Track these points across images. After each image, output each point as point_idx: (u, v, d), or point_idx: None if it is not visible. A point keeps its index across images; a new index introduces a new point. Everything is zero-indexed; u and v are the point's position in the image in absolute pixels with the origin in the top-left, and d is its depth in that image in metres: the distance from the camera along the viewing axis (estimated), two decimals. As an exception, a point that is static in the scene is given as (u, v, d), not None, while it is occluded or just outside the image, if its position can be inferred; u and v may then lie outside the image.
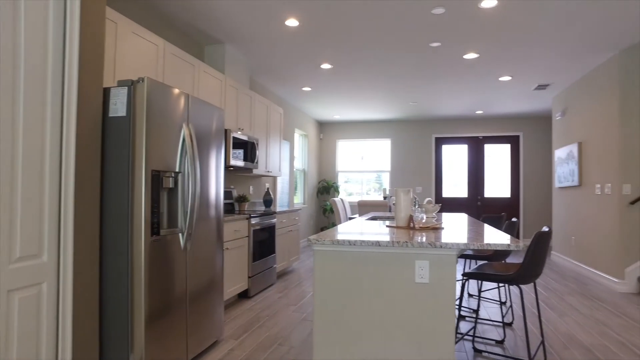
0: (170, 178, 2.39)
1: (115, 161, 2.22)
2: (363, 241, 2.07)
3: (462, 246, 1.99)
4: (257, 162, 4.87)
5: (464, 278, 2.62)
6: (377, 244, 2.06)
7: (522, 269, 2.31)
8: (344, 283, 2.13)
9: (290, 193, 7.41)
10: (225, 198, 4.75)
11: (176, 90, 2.48)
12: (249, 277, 4.23)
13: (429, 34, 4.20)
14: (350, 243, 2.09)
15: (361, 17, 3.81)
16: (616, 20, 3.84)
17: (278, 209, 5.55)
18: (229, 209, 4.84)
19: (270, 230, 4.81)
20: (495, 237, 2.26)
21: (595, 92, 5.27)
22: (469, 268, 4.31)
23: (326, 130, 9.51)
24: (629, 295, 4.44)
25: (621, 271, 4.64)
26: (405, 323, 2.06)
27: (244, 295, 4.26)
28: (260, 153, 5.16)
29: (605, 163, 4.97)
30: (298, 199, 8.32)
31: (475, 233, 2.46)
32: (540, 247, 2.31)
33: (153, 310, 2.25)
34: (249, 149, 4.63)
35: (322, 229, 9.21)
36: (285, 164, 7.19)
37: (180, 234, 2.51)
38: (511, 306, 3.41)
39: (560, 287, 4.79)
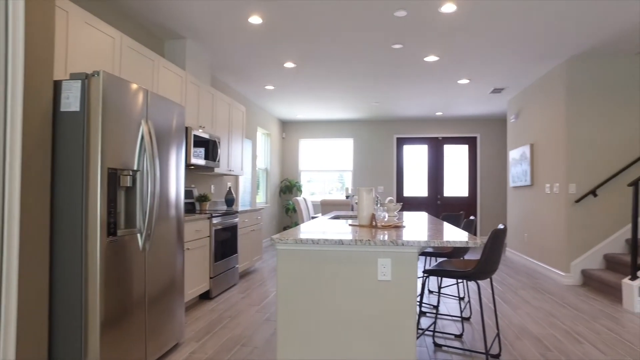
0: (128, 177, 2.30)
1: (68, 158, 2.11)
2: (326, 240, 2.08)
3: (423, 244, 2.04)
4: (218, 161, 4.78)
5: (425, 275, 2.68)
6: (340, 242, 2.07)
7: (479, 265, 2.40)
8: (307, 282, 2.14)
9: (252, 192, 7.33)
10: (186, 197, 4.64)
11: (134, 86, 2.39)
12: (210, 278, 4.15)
13: (392, 36, 4.27)
14: (313, 242, 2.09)
15: (325, 16, 3.83)
16: (564, 30, 4.06)
17: (240, 209, 5.47)
18: (190, 208, 4.72)
19: (232, 230, 4.74)
20: (454, 234, 2.33)
21: (545, 96, 5.56)
22: (430, 265, 4.44)
23: (289, 129, 9.48)
24: (574, 287, 4.72)
25: (567, 265, 4.93)
26: (369, 320, 2.09)
27: (205, 296, 4.17)
28: (222, 152, 5.07)
29: (554, 164, 5.25)
30: (260, 199, 8.25)
31: (435, 231, 2.53)
32: (496, 244, 2.41)
33: (109, 313, 2.16)
34: (210, 147, 4.54)
35: (284, 229, 9.18)
36: (248, 162, 7.11)
37: (138, 235, 2.42)
38: (469, 301, 3.53)
39: (514, 282, 5.02)
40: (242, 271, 5.33)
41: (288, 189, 9.09)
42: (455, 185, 9.14)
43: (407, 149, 9.28)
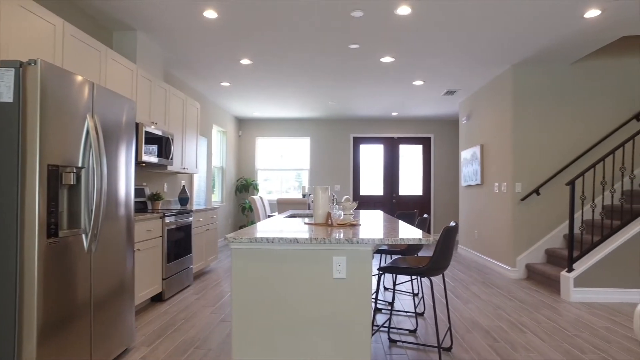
0: (72, 174, 2.17)
1: (0, 154, 1.95)
2: (281, 238, 2.06)
3: (378, 241, 2.07)
4: (172, 159, 4.62)
5: (380, 272, 2.72)
6: (295, 241, 2.06)
7: (432, 262, 2.47)
8: (263, 281, 2.11)
9: (207, 191, 7.16)
10: (136, 196, 4.45)
11: (79, 77, 2.25)
12: (163, 279, 4.01)
13: (348, 36, 4.31)
14: (269, 241, 2.07)
15: (281, 14, 3.80)
16: (509, 38, 4.27)
17: (195, 208, 5.33)
18: (141, 207, 4.54)
19: (186, 230, 4.60)
20: (408, 232, 2.38)
21: (493, 100, 5.82)
22: (385, 263, 4.52)
23: (245, 127, 9.35)
24: (519, 281, 4.98)
25: (513, 260, 5.19)
26: (324, 319, 2.09)
27: (158, 299, 4.02)
28: (175, 149, 4.91)
29: (502, 164, 5.52)
30: (216, 197, 8.08)
31: (390, 229, 2.57)
32: (448, 241, 2.49)
33: (49, 320, 2.02)
34: (163, 144, 4.38)
35: (241, 228, 9.04)
36: (203, 161, 6.94)
37: (83, 235, 2.29)
38: (422, 297, 3.63)
39: (465, 277, 5.22)
40: (197, 272, 5.19)
41: (244, 187, 8.96)
42: (410, 184, 9.39)
43: (364, 148, 9.41)
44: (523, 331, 3.25)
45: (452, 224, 2.58)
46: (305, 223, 2.88)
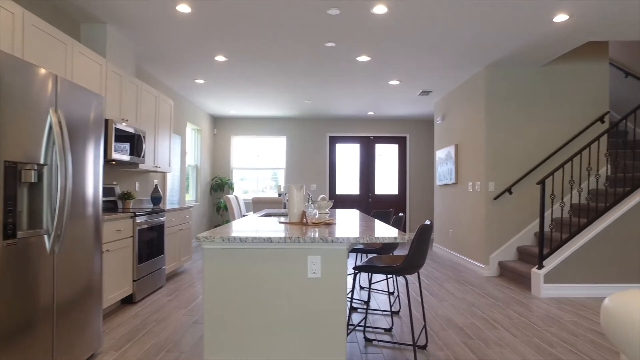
0: (33, 171, 2.06)
1: (-45, 150, 1.83)
2: (255, 238, 2.02)
3: (353, 240, 2.05)
4: (143, 157, 4.49)
5: (355, 271, 2.71)
6: (269, 240, 2.02)
7: (407, 261, 2.47)
8: (236, 282, 2.06)
9: (181, 190, 7.01)
10: (106, 195, 4.30)
11: (41, 70, 2.14)
12: (134, 281, 3.89)
13: (325, 34, 4.29)
14: (242, 240, 2.02)
15: (257, 10, 3.74)
16: (483, 39, 4.34)
17: (168, 207, 5.20)
18: (112, 207, 4.39)
19: (158, 230, 4.48)
20: (383, 231, 2.37)
21: (468, 100, 5.92)
22: (360, 262, 4.52)
23: (220, 125, 9.21)
24: (492, 278, 5.08)
25: (486, 258, 5.29)
26: (299, 319, 2.06)
27: (128, 301, 3.90)
28: (147, 147, 4.77)
29: (476, 164, 5.61)
30: (190, 197, 7.92)
31: (366, 227, 2.56)
32: (422, 239, 2.49)
33: (5, 327, 1.92)
34: (135, 142, 4.25)
35: (215, 227, 8.89)
36: (176, 159, 6.79)
37: (46, 236, 2.18)
38: (398, 296, 3.64)
39: (440, 275, 5.29)
40: (169, 272, 5.07)
41: (219, 186, 8.82)
42: (386, 183, 9.45)
43: (340, 147, 9.42)
44: (496, 327, 3.30)
45: (427, 222, 2.59)
46: (280, 222, 2.84)
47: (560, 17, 3.86)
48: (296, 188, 2.77)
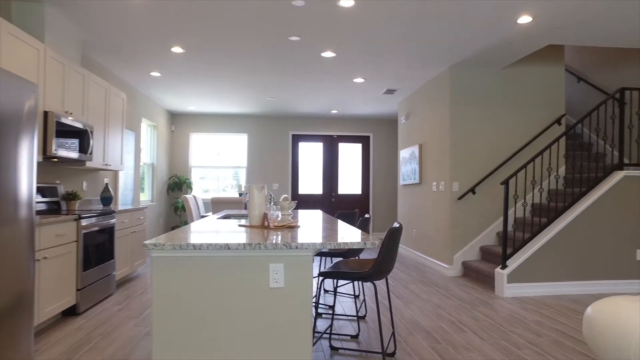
0: (-56, 169, 1.75)
1: None
2: (210, 244, 1.81)
3: (319, 246, 1.88)
4: (91, 154, 4.13)
5: (321, 277, 2.55)
6: (227, 247, 1.82)
7: (376, 266, 2.33)
8: (189, 294, 1.84)
9: (135, 190, 6.60)
10: (48, 195, 3.91)
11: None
12: (77, 290, 3.54)
13: (289, 27, 4.10)
14: (195, 247, 1.80)
15: (217, -3, 3.49)
16: (448, 38, 4.29)
17: (120, 207, 4.84)
18: (54, 208, 4.00)
19: (108, 233, 4.14)
20: (350, 235, 2.22)
21: (432, 100, 5.91)
22: (325, 265, 4.36)
23: (179, 121, 8.80)
24: (456, 279, 5.07)
25: (450, 258, 5.28)
26: (260, 332, 1.87)
27: (71, 312, 3.54)
28: (96, 143, 4.40)
29: (440, 163, 5.60)
30: (145, 196, 7.50)
31: (331, 231, 2.40)
32: (392, 243, 2.37)
33: None
34: (82, 138, 3.89)
35: (173, 228, 8.50)
36: (130, 156, 6.37)
37: (-38, 245, 1.87)
38: (364, 300, 3.51)
39: (405, 276, 5.23)
40: (120, 278, 4.72)
41: (177, 185, 8.42)
42: (349, 183, 9.38)
43: (303, 146, 9.25)
44: (463, 330, 3.24)
45: (396, 225, 2.47)
46: (240, 225, 2.63)
47: (524, 19, 3.87)
48: (257, 188, 2.57)
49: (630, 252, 4.55)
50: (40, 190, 3.82)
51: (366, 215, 3.42)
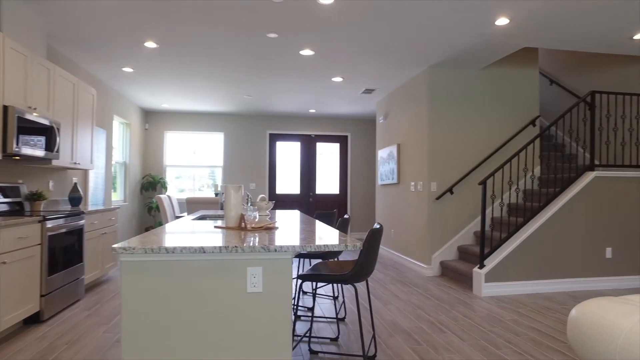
0: None
1: None
2: (184, 248, 1.71)
3: (299, 249, 1.81)
4: (58, 151, 3.93)
5: (300, 281, 2.47)
6: (202, 250, 1.72)
7: (357, 268, 2.28)
8: (161, 300, 1.73)
9: (107, 189, 6.36)
10: (8, 196, 3.69)
11: None
12: (42, 296, 3.35)
13: (267, 23, 4.00)
14: (168, 251, 1.70)
15: (192, -10, 3.37)
16: (427, 38, 4.29)
17: (90, 208, 4.63)
18: (16, 209, 3.78)
19: (77, 234, 3.94)
20: (330, 236, 2.16)
21: (410, 100, 5.91)
22: (303, 266, 4.29)
23: (153, 119, 8.55)
24: (434, 278, 5.08)
25: (428, 258, 5.30)
26: (237, 339, 1.78)
27: (34, 320, 3.35)
28: (64, 141, 4.19)
29: (418, 163, 5.61)
30: (118, 196, 7.24)
31: (310, 232, 2.33)
32: (373, 244, 2.31)
33: None
34: (49, 135, 3.69)
35: (147, 229, 8.25)
36: (101, 155, 6.13)
37: None
38: (344, 302, 3.46)
39: (384, 277, 5.21)
40: (90, 282, 4.51)
41: (151, 185, 8.18)
42: (327, 182, 9.33)
43: (280, 145, 9.14)
44: (443, 331, 3.23)
45: (377, 226, 2.42)
46: (216, 227, 2.53)
47: (502, 21, 3.90)
48: (233, 188, 2.47)
49: (600, 250, 4.66)
50: (1, 190, 3.61)
51: (345, 216, 3.36)
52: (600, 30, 4.15)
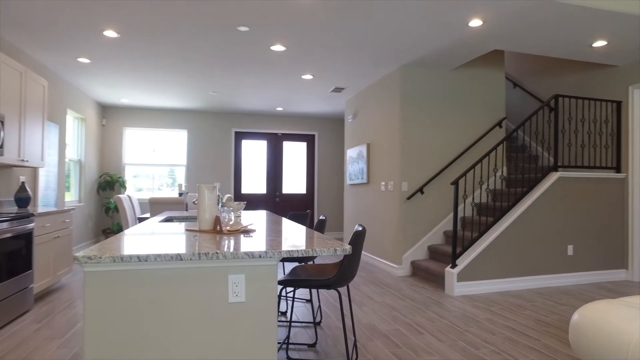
0: None
1: None
2: (159, 255, 1.53)
3: (285, 254, 1.68)
4: (2, 147, 3.57)
5: (280, 286, 2.34)
6: (179, 257, 1.55)
7: (340, 273, 2.17)
8: (133, 314, 1.54)
9: (59, 189, 5.91)
10: (-55, 197, 3.30)
11: None
12: (-14, 308, 3.01)
13: (238, 16, 3.81)
14: (141, 259, 1.52)
15: (158, -25, 3.14)
16: (401, 37, 4.25)
17: (41, 209, 4.26)
18: (-46, 212, 3.39)
19: (24, 239, 3.60)
20: (317, 240, 2.04)
21: (381, 99, 5.88)
22: (280, 270, 4.14)
23: (111, 115, 8.08)
24: (406, 278, 5.07)
25: (399, 258, 5.28)
26: (219, 354, 1.62)
27: (-24, 334, 3.01)
28: (9, 136, 3.82)
29: (389, 163, 5.59)
30: (72, 196, 6.77)
31: (292, 235, 2.20)
32: (357, 247, 2.21)
33: None
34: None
35: (105, 231, 7.78)
36: (53, 152, 5.69)
37: None
38: (320, 306, 3.34)
39: (356, 278, 5.13)
40: (40, 291, 4.15)
41: (109, 184, 7.72)
42: (294, 182, 9.19)
43: (246, 144, 8.91)
44: (421, 332, 3.19)
45: (359, 228, 2.32)
46: (188, 230, 2.34)
47: (475, 22, 3.92)
48: (207, 188, 2.30)
49: (563, 247, 4.81)
50: (-62, 191, 3.22)
51: (321, 217, 3.25)
52: (564, 37, 4.29)
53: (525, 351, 2.85)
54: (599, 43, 4.48)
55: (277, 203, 9.06)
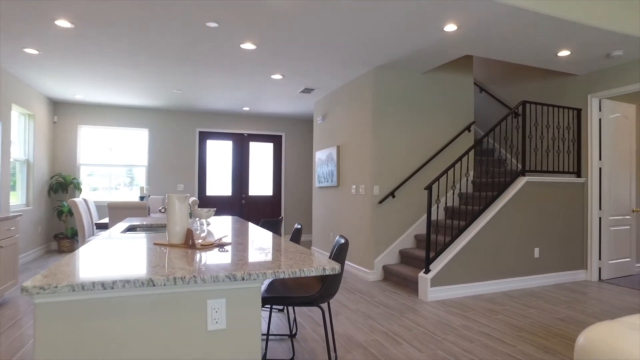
0: None
1: None
2: (127, 281, 1.33)
3: (271, 275, 1.52)
4: (-62, 148, 3.16)
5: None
6: (151, 283, 1.36)
7: (323, 289, 2.03)
8: (96, 350, 1.34)
9: (3, 192, 5.41)
10: None
11: None
12: None
13: (207, 10, 3.59)
14: (106, 286, 1.32)
15: (120, -37, 2.87)
16: (376, 39, 4.17)
17: (-19, 217, 3.85)
18: None
19: (-37, 252, 3.21)
20: (302, 257, 1.89)
21: (353, 101, 5.79)
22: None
23: (64, 112, 7.53)
24: (378, 283, 5.01)
25: (371, 262, 5.21)
26: (193, 390, 1.44)
27: None
28: (-55, 134, 3.40)
29: (360, 166, 5.51)
30: (18, 200, 6.24)
31: (272, 249, 2.04)
32: (341, 260, 2.08)
33: None
34: None
35: (56, 236, 7.24)
36: (-3, 152, 5.19)
37: None
38: (295, 318, 3.18)
39: (325, 283, 5.01)
40: (-19, 307, 3.74)
41: (61, 186, 7.19)
42: (261, 184, 8.97)
43: (211, 144, 8.60)
44: (399, 342, 3.10)
45: (342, 240, 2.19)
46: (157, 244, 2.12)
47: (450, 27, 3.90)
48: (179, 199, 2.10)
49: (530, 250, 4.91)
50: None
51: (297, 226, 3.11)
52: (532, 45, 4.37)
53: (503, 358, 2.83)
54: (564, 52, 4.60)
55: (243, 205, 8.81)
